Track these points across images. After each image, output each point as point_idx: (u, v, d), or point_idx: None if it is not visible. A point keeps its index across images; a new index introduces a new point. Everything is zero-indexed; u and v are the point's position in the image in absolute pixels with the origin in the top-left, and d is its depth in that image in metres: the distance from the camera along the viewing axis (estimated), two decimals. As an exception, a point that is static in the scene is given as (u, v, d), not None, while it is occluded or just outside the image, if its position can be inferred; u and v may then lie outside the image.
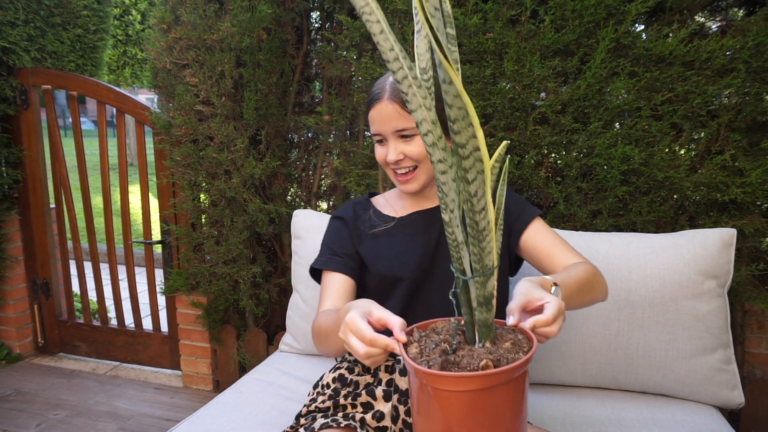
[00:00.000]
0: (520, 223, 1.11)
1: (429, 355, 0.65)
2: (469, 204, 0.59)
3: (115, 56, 8.44)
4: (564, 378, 1.42)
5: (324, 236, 1.19)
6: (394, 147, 1.04)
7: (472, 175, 0.57)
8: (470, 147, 0.55)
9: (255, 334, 2.13)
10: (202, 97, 1.90)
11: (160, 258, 3.25)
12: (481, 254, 0.63)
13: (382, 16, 0.53)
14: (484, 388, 0.61)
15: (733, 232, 1.36)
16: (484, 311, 0.66)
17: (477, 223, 0.60)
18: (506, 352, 0.65)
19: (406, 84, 0.56)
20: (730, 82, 1.46)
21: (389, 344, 0.69)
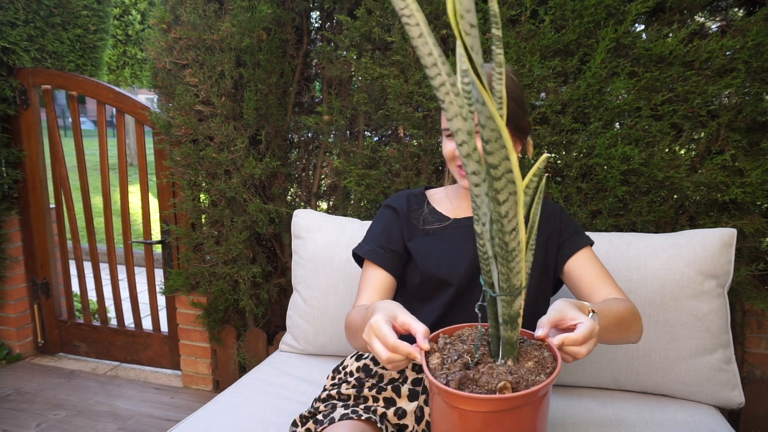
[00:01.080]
0: (569, 247, 1.09)
1: (449, 368, 0.65)
2: (500, 224, 0.58)
3: (115, 56, 8.44)
4: (564, 378, 1.42)
5: (373, 223, 1.17)
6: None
7: (503, 196, 0.56)
8: (503, 168, 0.54)
9: (255, 334, 2.13)
10: (202, 97, 1.90)
11: (160, 258, 3.25)
12: (509, 274, 0.62)
13: (423, 19, 0.51)
14: (501, 410, 0.61)
15: (733, 232, 1.36)
16: (509, 329, 0.65)
17: (507, 244, 0.60)
18: (527, 373, 0.64)
19: (443, 91, 0.55)
20: (730, 82, 1.46)
21: (411, 353, 0.69)
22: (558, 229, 1.11)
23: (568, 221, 1.13)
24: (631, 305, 0.97)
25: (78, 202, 2.51)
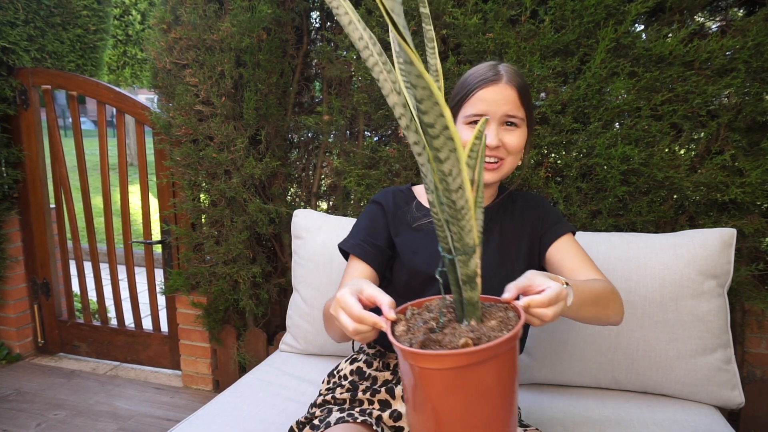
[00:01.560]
0: (551, 234, 1.10)
1: (414, 334, 0.65)
2: (445, 183, 0.59)
3: (115, 56, 8.44)
4: (564, 378, 1.42)
5: (359, 218, 1.18)
6: (495, 132, 1.02)
7: (444, 154, 0.57)
8: (439, 126, 0.54)
9: (255, 334, 2.13)
10: (202, 97, 1.90)
11: (160, 258, 3.25)
12: (461, 233, 0.62)
13: (350, 7, 0.53)
14: (463, 366, 0.60)
15: (732, 232, 1.37)
16: (469, 290, 0.66)
17: (454, 203, 0.60)
18: (490, 330, 0.64)
19: (377, 70, 0.56)
20: (729, 82, 1.46)
21: (377, 322, 0.69)
22: (540, 219, 1.13)
23: (550, 210, 1.15)
24: (611, 286, 0.98)
25: (78, 202, 2.51)
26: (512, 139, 1.03)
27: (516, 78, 1.04)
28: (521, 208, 1.15)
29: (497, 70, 1.04)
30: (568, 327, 1.38)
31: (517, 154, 1.06)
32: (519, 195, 1.19)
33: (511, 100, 1.02)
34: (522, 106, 1.03)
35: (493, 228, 1.13)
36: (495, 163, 1.04)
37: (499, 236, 1.12)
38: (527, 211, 1.14)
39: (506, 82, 1.02)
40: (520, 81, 1.04)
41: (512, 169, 1.07)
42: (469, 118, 1.04)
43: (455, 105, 1.07)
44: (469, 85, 1.05)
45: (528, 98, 1.05)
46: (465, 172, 0.59)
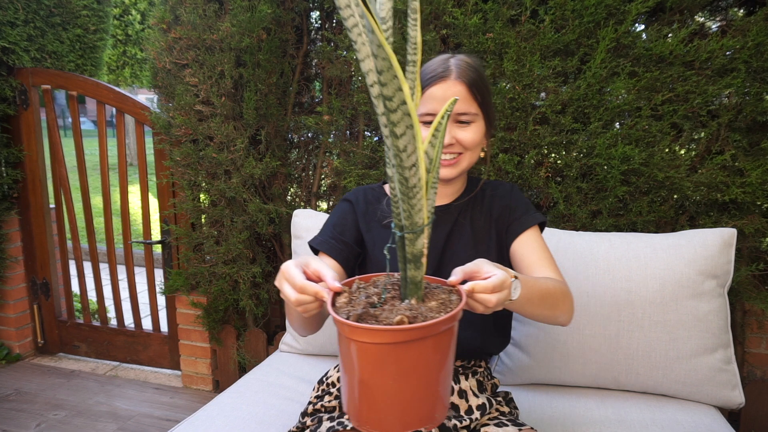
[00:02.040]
0: (518, 226, 1.09)
1: (354, 307, 0.65)
2: (399, 159, 0.58)
3: (115, 56, 8.44)
4: (564, 378, 1.42)
5: (329, 216, 1.17)
6: (448, 130, 1.00)
7: (400, 129, 0.56)
8: (397, 100, 0.54)
9: (255, 334, 2.13)
10: (202, 97, 1.89)
11: (160, 258, 3.25)
12: (411, 211, 0.62)
13: None
14: (395, 342, 0.60)
15: (733, 232, 1.36)
16: (413, 268, 0.65)
17: (407, 180, 0.60)
18: (428, 311, 0.64)
19: (356, 32, 0.56)
20: (730, 82, 1.46)
21: (318, 292, 0.69)
22: (508, 209, 1.11)
23: (518, 200, 1.12)
24: (563, 286, 0.97)
25: (78, 202, 2.51)
26: (466, 135, 1.01)
27: (467, 72, 1.00)
28: (490, 197, 1.13)
29: (447, 65, 1.01)
30: (569, 327, 1.38)
31: (474, 149, 1.04)
32: (489, 184, 1.16)
33: (461, 96, 0.99)
34: (474, 100, 1.00)
35: (463, 222, 1.11)
36: (452, 159, 1.02)
37: (470, 230, 1.11)
38: (496, 200, 1.12)
39: (455, 78, 0.99)
40: (472, 75, 1.00)
41: (472, 163, 1.05)
42: (422, 118, 1.02)
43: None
44: (420, 82, 1.02)
45: (482, 90, 1.02)
46: (420, 150, 0.58)
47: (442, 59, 1.02)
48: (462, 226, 1.11)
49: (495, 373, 1.48)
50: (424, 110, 1.00)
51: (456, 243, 1.09)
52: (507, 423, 1.01)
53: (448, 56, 1.03)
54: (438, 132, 0.64)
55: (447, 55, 1.04)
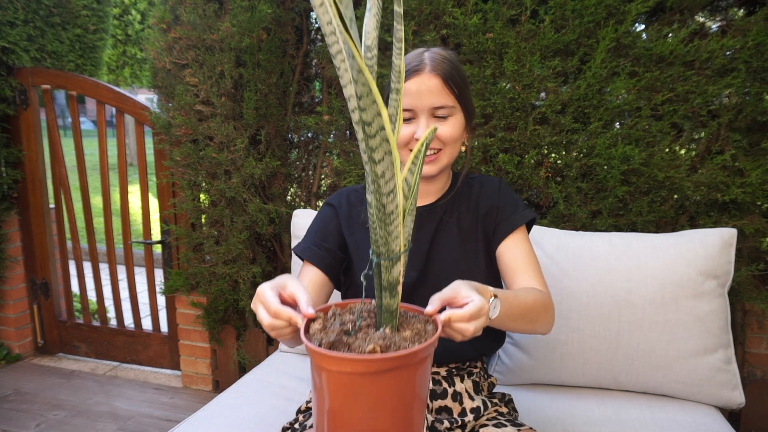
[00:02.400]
0: (505, 226, 1.06)
1: (327, 334, 0.64)
2: (377, 185, 0.58)
3: (115, 56, 8.44)
4: (564, 378, 1.42)
5: (312, 221, 1.14)
6: (425, 125, 0.97)
7: (379, 155, 0.56)
8: (376, 125, 0.53)
9: (255, 334, 2.13)
10: (202, 97, 1.89)
11: (160, 258, 3.25)
12: (388, 238, 0.61)
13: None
14: (366, 372, 0.59)
15: (733, 232, 1.36)
16: (388, 296, 0.65)
17: (384, 206, 0.59)
18: (402, 340, 0.63)
19: (340, 59, 0.56)
20: (730, 82, 1.46)
21: (292, 317, 0.68)
22: (496, 208, 1.08)
23: (506, 198, 1.09)
24: (544, 297, 0.96)
25: (78, 202, 2.51)
26: (444, 129, 0.98)
27: (442, 65, 0.97)
28: (477, 194, 1.10)
29: (421, 58, 0.98)
30: (569, 327, 1.38)
31: (453, 143, 1.01)
32: (476, 180, 1.13)
33: (436, 90, 0.96)
34: (451, 93, 0.97)
35: (449, 221, 1.08)
36: (432, 154, 1.00)
37: (457, 229, 1.08)
38: (483, 197, 1.09)
39: (430, 71, 0.96)
40: (447, 67, 0.97)
41: (452, 158, 1.03)
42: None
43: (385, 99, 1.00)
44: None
45: (459, 83, 0.98)
46: (399, 177, 0.58)
47: (417, 53, 1.00)
48: (448, 225, 1.08)
49: (495, 372, 1.48)
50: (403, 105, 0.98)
51: (442, 244, 1.07)
52: (506, 423, 1.01)
53: (423, 50, 1.01)
54: (417, 159, 0.63)
55: (422, 49, 1.01)
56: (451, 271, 1.04)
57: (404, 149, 1.00)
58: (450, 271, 1.03)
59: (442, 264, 1.06)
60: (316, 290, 1.05)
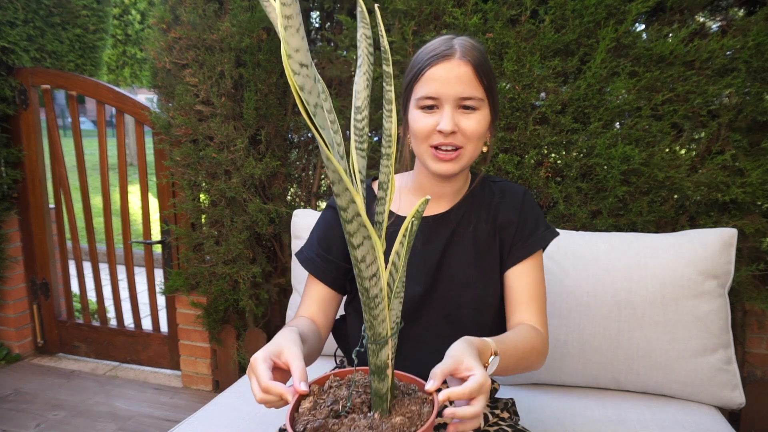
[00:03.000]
0: (520, 250, 0.99)
1: (315, 415, 0.62)
2: (358, 269, 0.55)
3: (115, 56, 8.44)
4: (564, 378, 1.42)
5: (314, 226, 1.07)
6: (450, 116, 0.89)
7: (357, 239, 0.53)
8: (351, 212, 0.52)
9: (255, 334, 2.13)
10: (202, 97, 1.89)
11: (160, 258, 3.25)
12: (373, 322, 0.59)
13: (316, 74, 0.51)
14: None
15: (733, 232, 1.36)
16: (377, 380, 0.62)
17: (367, 290, 0.57)
18: (391, 428, 0.59)
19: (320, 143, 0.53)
20: (730, 82, 1.46)
21: (283, 394, 0.65)
22: (515, 225, 1.00)
23: (528, 214, 1.01)
24: (540, 343, 0.92)
25: (77, 202, 2.51)
26: (470, 123, 0.90)
27: (473, 53, 0.90)
28: (498, 203, 1.02)
29: (451, 44, 0.90)
30: (569, 327, 1.38)
31: (477, 141, 0.92)
32: (498, 186, 1.04)
33: (466, 78, 0.89)
34: (480, 85, 0.90)
35: (464, 232, 1.00)
36: (453, 151, 0.91)
37: (472, 242, 0.99)
38: (503, 208, 1.01)
39: (460, 58, 0.89)
40: (478, 56, 0.90)
41: (474, 157, 0.94)
42: (420, 102, 0.91)
43: (407, 86, 0.94)
44: (420, 63, 0.91)
45: (488, 76, 0.91)
46: (381, 260, 0.55)
47: (445, 38, 0.93)
48: (462, 237, 1.00)
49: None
50: (423, 93, 0.90)
51: (454, 258, 0.99)
52: (507, 429, 1.00)
53: (450, 36, 0.93)
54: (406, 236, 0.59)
55: (449, 36, 0.94)
56: (462, 289, 0.98)
57: (424, 143, 0.92)
58: (461, 290, 0.98)
59: (453, 281, 0.99)
60: (324, 304, 1.02)
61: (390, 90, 0.56)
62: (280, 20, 0.45)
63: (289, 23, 0.45)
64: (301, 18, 0.46)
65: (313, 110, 0.47)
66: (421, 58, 0.92)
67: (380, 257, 0.55)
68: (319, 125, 0.47)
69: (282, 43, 0.45)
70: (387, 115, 0.59)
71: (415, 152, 0.96)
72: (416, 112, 0.92)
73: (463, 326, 0.98)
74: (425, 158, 0.93)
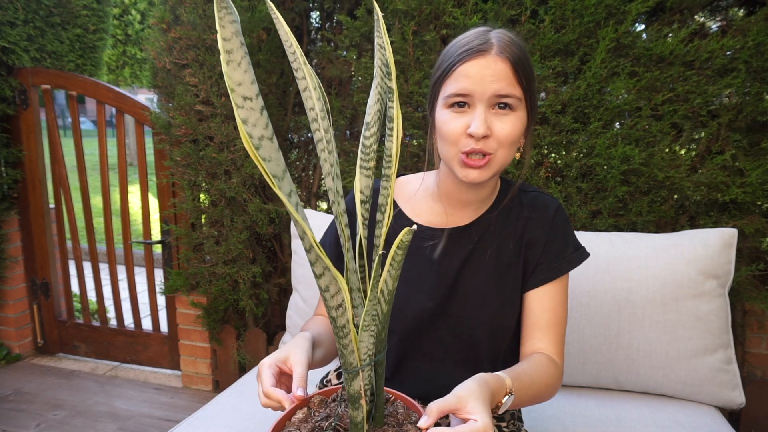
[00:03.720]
0: (544, 273, 0.92)
1: (300, 429, 0.62)
2: (324, 298, 0.53)
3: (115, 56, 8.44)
4: (564, 378, 1.42)
5: (325, 234, 1.04)
6: (483, 118, 0.79)
7: (318, 269, 0.51)
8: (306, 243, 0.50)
9: (255, 334, 2.13)
10: (202, 97, 1.89)
11: (160, 258, 3.25)
12: (344, 351, 0.57)
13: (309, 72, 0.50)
14: None
15: (733, 232, 1.36)
16: (352, 408, 0.60)
17: (335, 320, 0.55)
18: None
19: (320, 147, 0.52)
20: (730, 82, 1.46)
21: (282, 400, 0.67)
22: (543, 244, 0.92)
23: (558, 234, 0.93)
24: (555, 378, 0.86)
25: (78, 202, 2.51)
26: (504, 126, 0.81)
27: (511, 48, 0.81)
28: (527, 218, 0.94)
29: (487, 37, 0.82)
30: (569, 327, 1.38)
31: (510, 146, 0.83)
32: (529, 197, 0.96)
33: (503, 75, 0.80)
34: (518, 84, 0.81)
35: (487, 247, 0.92)
36: (482, 158, 0.81)
37: (495, 259, 0.92)
38: (532, 224, 0.93)
39: (497, 53, 0.80)
40: (518, 53, 0.82)
41: (505, 164, 0.85)
42: (450, 99, 0.82)
43: (435, 83, 0.86)
44: (451, 58, 0.83)
45: (528, 75, 0.83)
46: (345, 291, 0.53)
47: (480, 31, 0.84)
48: (484, 252, 0.92)
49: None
50: (453, 89, 0.82)
51: (473, 275, 0.92)
52: None
53: (486, 29, 0.84)
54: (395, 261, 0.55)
55: (484, 28, 0.85)
56: (478, 309, 0.92)
57: (453, 147, 0.83)
58: (476, 310, 0.92)
59: (469, 299, 0.92)
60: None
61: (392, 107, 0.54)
62: (222, 55, 0.45)
63: (230, 58, 0.45)
64: (245, 50, 0.46)
65: (257, 143, 0.47)
66: (452, 52, 0.83)
67: (344, 288, 0.53)
68: (262, 157, 0.46)
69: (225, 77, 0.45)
70: (389, 134, 0.56)
71: (441, 156, 0.88)
72: (444, 112, 0.83)
73: (477, 347, 0.93)
74: (453, 164, 0.85)
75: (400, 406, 0.67)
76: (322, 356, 0.86)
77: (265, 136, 0.48)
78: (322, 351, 0.86)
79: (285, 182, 0.49)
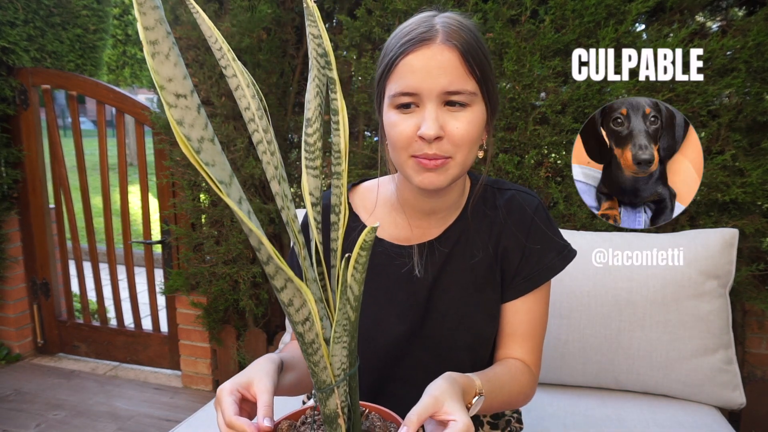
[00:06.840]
0: (521, 284, 0.85)
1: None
2: (288, 313, 0.49)
3: (115, 56, 8.44)
4: (564, 378, 1.42)
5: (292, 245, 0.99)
6: (434, 117, 0.70)
7: (279, 282, 0.47)
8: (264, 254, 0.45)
9: (255, 334, 2.13)
10: (202, 97, 1.89)
11: (160, 258, 3.25)
12: (315, 369, 0.53)
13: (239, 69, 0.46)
14: None
15: (734, 232, 1.36)
16: (329, 430, 0.57)
17: (302, 335, 0.51)
18: None
19: (261, 149, 0.48)
20: (730, 82, 1.46)
21: (245, 430, 0.60)
22: (520, 251, 0.85)
23: (538, 237, 0.86)
24: (530, 383, 0.82)
25: (78, 202, 2.51)
26: (459, 125, 0.71)
27: (460, 34, 0.71)
28: (503, 221, 0.85)
29: (431, 24, 0.71)
30: (569, 327, 1.38)
31: (469, 146, 0.73)
32: (505, 195, 0.87)
33: (451, 67, 0.70)
34: (471, 75, 0.71)
35: (461, 258, 0.84)
36: (438, 161, 0.72)
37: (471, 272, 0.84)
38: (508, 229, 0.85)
39: (443, 42, 0.70)
40: (468, 39, 0.71)
41: (467, 165, 0.75)
42: (395, 100, 0.73)
43: (379, 82, 0.77)
44: (392, 51, 0.73)
45: (481, 63, 0.72)
46: (312, 304, 0.49)
47: (424, 17, 0.73)
48: (457, 266, 0.84)
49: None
50: (398, 89, 0.72)
51: (447, 292, 0.84)
52: None
53: (432, 13, 0.74)
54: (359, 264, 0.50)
55: (430, 12, 0.75)
56: (455, 328, 0.84)
57: (403, 152, 0.74)
58: (454, 329, 0.84)
59: (445, 319, 0.84)
60: None
61: (335, 98, 0.50)
62: (145, 47, 0.37)
63: (156, 49, 0.38)
64: (172, 40, 0.39)
65: (197, 146, 0.41)
66: (393, 44, 0.73)
67: (310, 300, 0.49)
68: (205, 162, 0.41)
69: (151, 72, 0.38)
70: (335, 128, 0.51)
71: (394, 163, 0.79)
72: (391, 114, 0.74)
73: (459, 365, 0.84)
74: (406, 170, 0.75)
75: (376, 419, 0.64)
76: (295, 381, 0.76)
77: (206, 138, 0.42)
78: (295, 375, 0.77)
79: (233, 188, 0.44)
